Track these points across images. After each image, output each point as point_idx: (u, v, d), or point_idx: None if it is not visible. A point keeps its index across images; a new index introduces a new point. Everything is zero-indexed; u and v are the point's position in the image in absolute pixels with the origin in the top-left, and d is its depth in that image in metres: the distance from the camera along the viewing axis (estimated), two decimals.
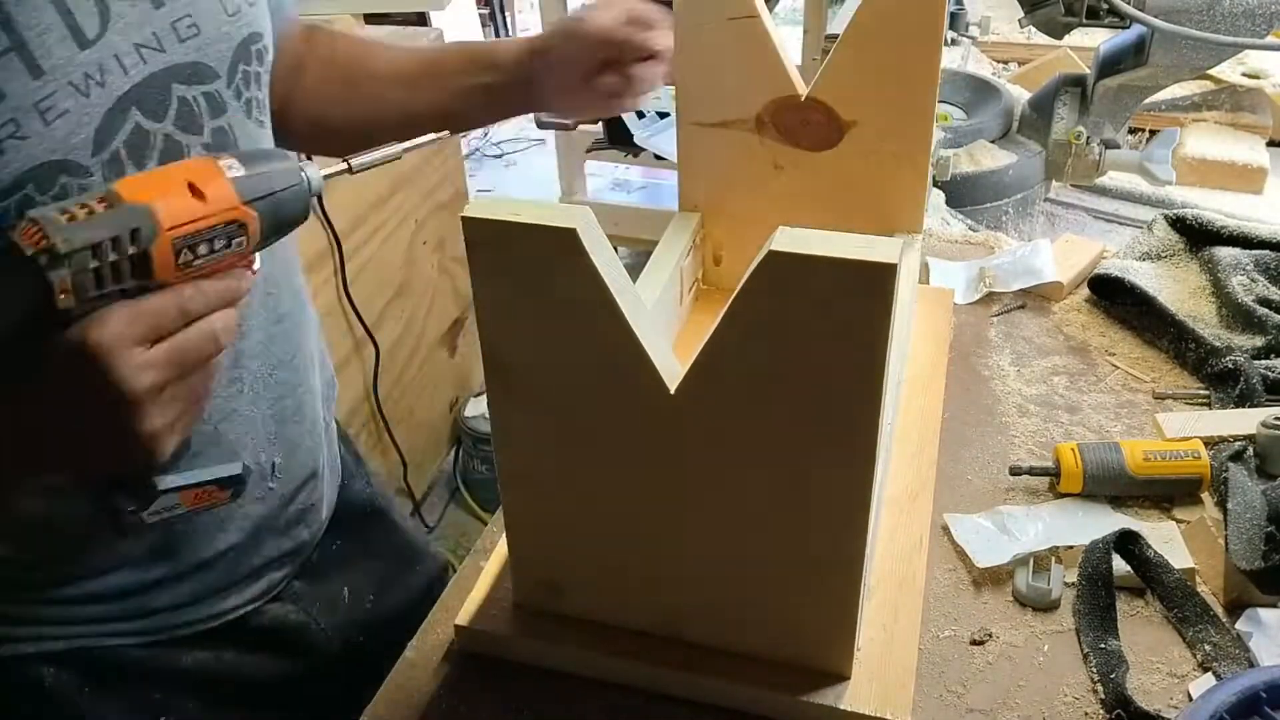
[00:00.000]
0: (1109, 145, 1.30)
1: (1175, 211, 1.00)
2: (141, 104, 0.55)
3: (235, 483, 0.57)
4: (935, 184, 1.14)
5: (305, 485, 0.73)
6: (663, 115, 1.52)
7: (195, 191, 0.47)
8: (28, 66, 0.49)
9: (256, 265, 0.52)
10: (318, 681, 0.76)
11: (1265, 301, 0.87)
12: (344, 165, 0.56)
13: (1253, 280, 0.90)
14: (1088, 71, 1.33)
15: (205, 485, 0.55)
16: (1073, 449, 0.74)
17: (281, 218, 0.51)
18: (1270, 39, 1.17)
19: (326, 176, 0.54)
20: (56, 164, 0.51)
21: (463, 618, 0.64)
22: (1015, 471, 0.75)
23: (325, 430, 0.77)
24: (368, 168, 0.57)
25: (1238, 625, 0.64)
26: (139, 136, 0.55)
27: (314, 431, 0.73)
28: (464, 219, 0.49)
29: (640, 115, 1.54)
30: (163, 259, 0.46)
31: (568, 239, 0.47)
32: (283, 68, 0.71)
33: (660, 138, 1.53)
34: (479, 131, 3.02)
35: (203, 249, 0.47)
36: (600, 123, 1.61)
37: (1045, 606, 0.66)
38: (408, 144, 0.59)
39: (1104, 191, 1.43)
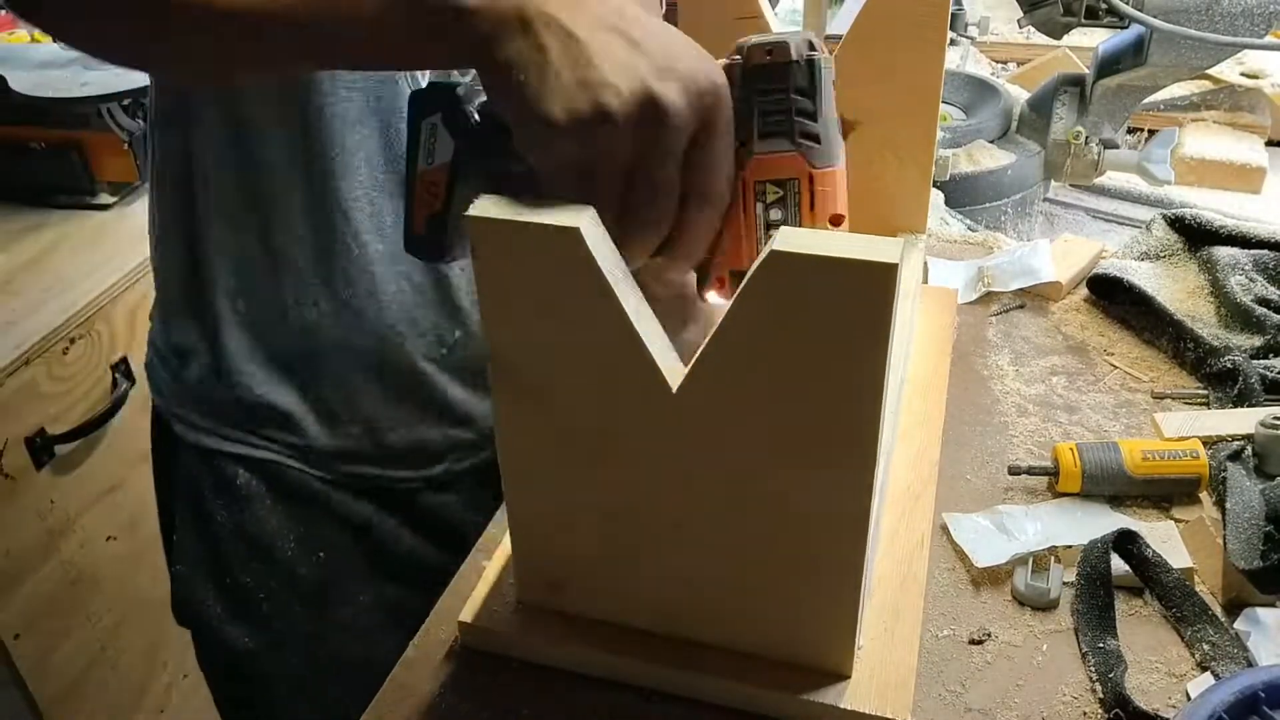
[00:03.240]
0: (1108, 145, 1.30)
1: (1174, 211, 1.00)
2: None
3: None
4: (934, 184, 1.14)
5: (480, 370, 0.78)
6: None
7: None
8: None
9: None
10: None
11: (1264, 301, 0.87)
12: None
13: (1251, 280, 0.90)
14: (1086, 71, 1.33)
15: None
16: (1071, 449, 0.74)
17: None
18: (1269, 39, 1.17)
19: None
20: None
21: (466, 615, 0.64)
22: (1014, 471, 0.76)
23: None
24: None
25: (1236, 625, 0.64)
26: None
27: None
28: (469, 218, 0.49)
29: None
30: None
31: (571, 238, 0.47)
32: None
33: None
34: None
35: None
36: None
37: (1044, 606, 0.66)
38: None
39: (1103, 191, 1.43)
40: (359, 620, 0.82)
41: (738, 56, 0.54)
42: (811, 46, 0.53)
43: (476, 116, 0.53)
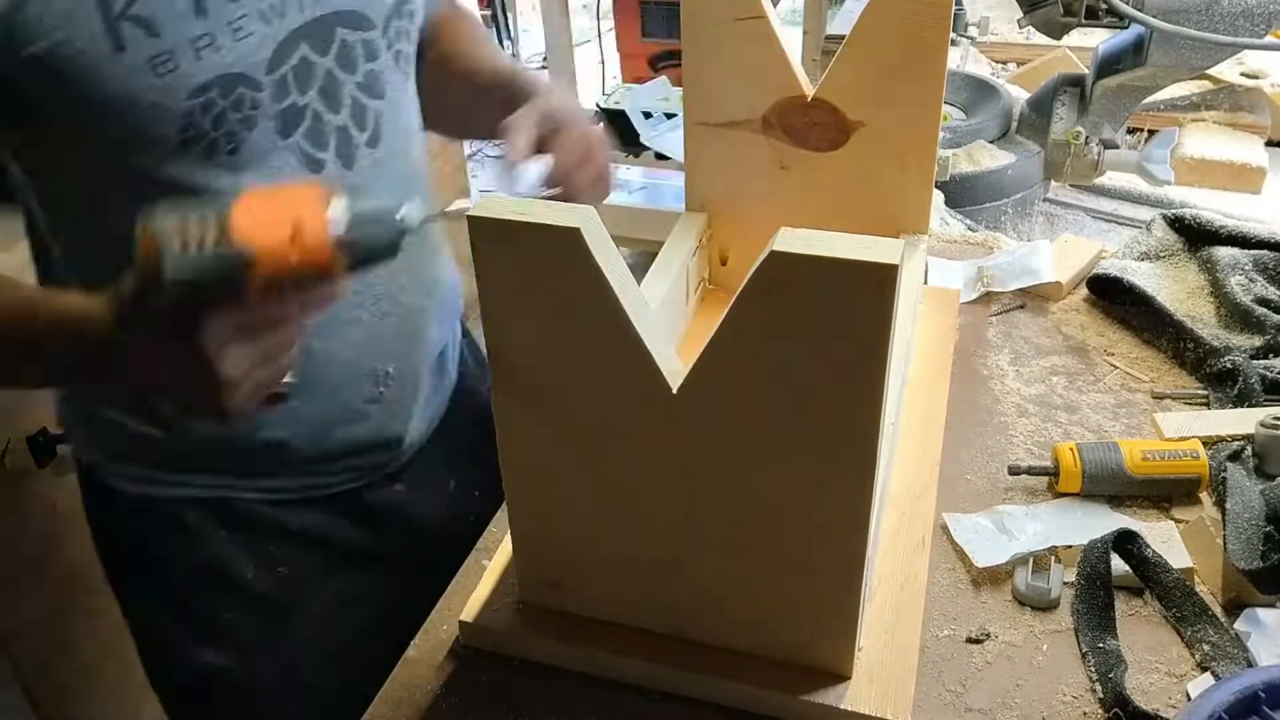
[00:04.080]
0: (1108, 145, 1.30)
1: (1174, 211, 1.00)
2: (310, 39, 0.65)
3: (279, 397, 0.63)
4: (934, 184, 1.14)
5: (418, 390, 0.82)
6: (669, 116, 1.53)
7: (295, 235, 0.52)
8: None
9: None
10: (411, 558, 0.85)
11: (1263, 301, 0.87)
12: (440, 212, 0.60)
13: (1251, 280, 0.90)
14: (1086, 72, 1.33)
15: None
16: (1071, 449, 0.74)
17: (370, 257, 0.55)
18: (1269, 39, 1.17)
19: (423, 221, 0.56)
20: (237, 76, 0.62)
21: (467, 614, 0.64)
22: (1014, 471, 0.76)
23: (450, 342, 0.88)
24: (460, 215, 0.60)
25: (1236, 625, 0.64)
26: (305, 66, 0.65)
27: (423, 348, 0.83)
28: (470, 218, 0.49)
29: (647, 115, 1.54)
30: (252, 292, 0.53)
31: (571, 238, 0.48)
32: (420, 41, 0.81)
33: (667, 138, 1.53)
34: None
35: (290, 287, 0.54)
36: (603, 123, 1.61)
37: (1044, 606, 0.66)
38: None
39: (1103, 191, 1.43)
40: (324, 616, 0.85)
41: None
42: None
43: None
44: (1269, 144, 1.45)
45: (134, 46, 0.58)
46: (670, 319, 0.83)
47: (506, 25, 3.23)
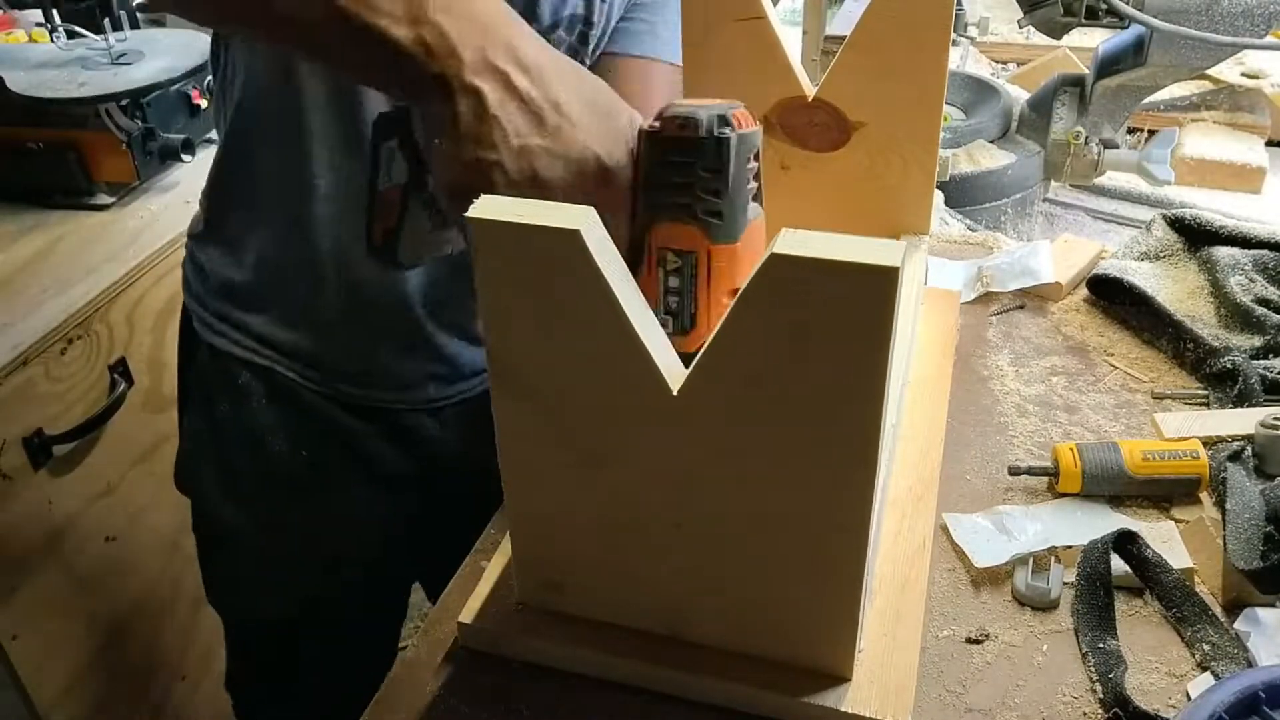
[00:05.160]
0: (1108, 145, 1.30)
1: (1174, 211, 1.00)
2: None
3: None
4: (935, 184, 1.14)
5: (471, 322, 0.86)
6: None
7: None
8: None
9: None
10: (434, 490, 0.92)
11: (1264, 301, 0.87)
12: None
13: (1251, 280, 0.90)
14: (1086, 72, 1.33)
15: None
16: (1071, 449, 0.74)
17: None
18: (1269, 39, 1.17)
19: None
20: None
21: (466, 615, 0.64)
22: (1014, 471, 0.76)
23: None
24: None
25: (1236, 625, 0.64)
26: None
27: None
28: (469, 219, 0.49)
29: None
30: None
31: (571, 240, 0.47)
32: None
33: None
34: None
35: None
36: None
37: (1044, 606, 0.66)
38: None
39: (1103, 191, 1.43)
40: (339, 515, 0.90)
41: (657, 123, 0.55)
42: (725, 122, 0.54)
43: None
44: (1269, 144, 1.45)
45: None
46: None
47: None
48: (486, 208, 0.49)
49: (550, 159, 0.53)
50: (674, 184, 0.55)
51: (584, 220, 0.47)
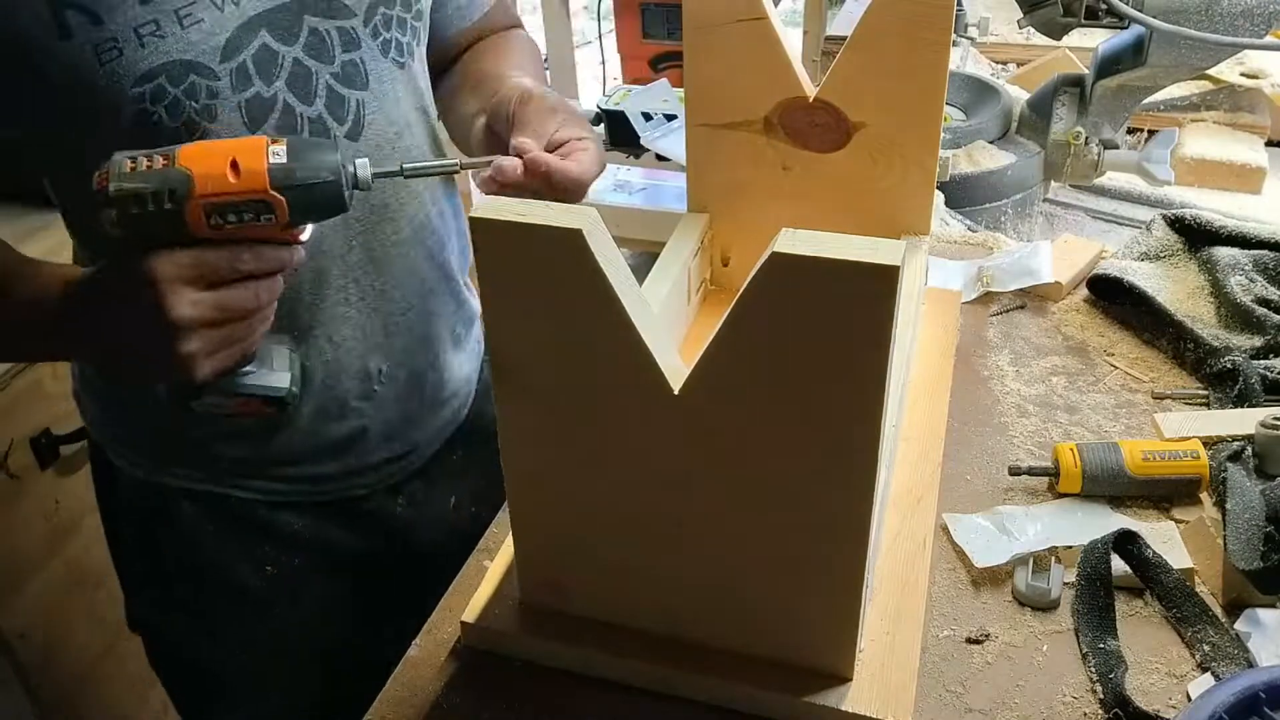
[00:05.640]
0: (1108, 145, 1.30)
1: (1174, 212, 1.00)
2: (271, 27, 0.64)
3: (278, 402, 0.67)
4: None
5: (415, 396, 0.82)
6: (670, 117, 1.52)
7: (234, 168, 0.57)
8: None
9: (304, 237, 0.61)
10: (403, 570, 0.86)
11: (1264, 301, 0.88)
12: (397, 169, 0.63)
13: (1251, 280, 0.90)
14: (1086, 72, 1.33)
15: (249, 397, 0.66)
16: (1071, 449, 0.74)
17: (312, 205, 0.58)
18: (1269, 39, 1.17)
19: (376, 175, 0.61)
20: (187, 64, 0.62)
21: (469, 615, 0.64)
22: (1014, 471, 0.76)
23: (453, 349, 0.85)
24: (421, 174, 0.64)
25: (1236, 625, 0.64)
26: (267, 54, 0.65)
27: (429, 350, 0.82)
28: (471, 219, 0.49)
29: (648, 117, 1.54)
30: (194, 217, 0.56)
31: (573, 240, 0.48)
32: (442, 56, 0.82)
33: (668, 139, 1.52)
34: None
35: (231, 217, 0.57)
36: (603, 124, 1.61)
37: (1044, 606, 0.66)
38: (469, 161, 0.66)
39: (1103, 192, 1.43)
40: (311, 617, 0.85)
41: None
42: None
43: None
44: (1269, 144, 1.45)
45: (79, 33, 0.59)
46: (672, 320, 0.83)
47: None
48: (488, 208, 0.49)
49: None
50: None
51: (586, 220, 0.48)
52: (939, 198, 1.21)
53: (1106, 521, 0.71)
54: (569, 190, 0.65)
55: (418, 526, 0.87)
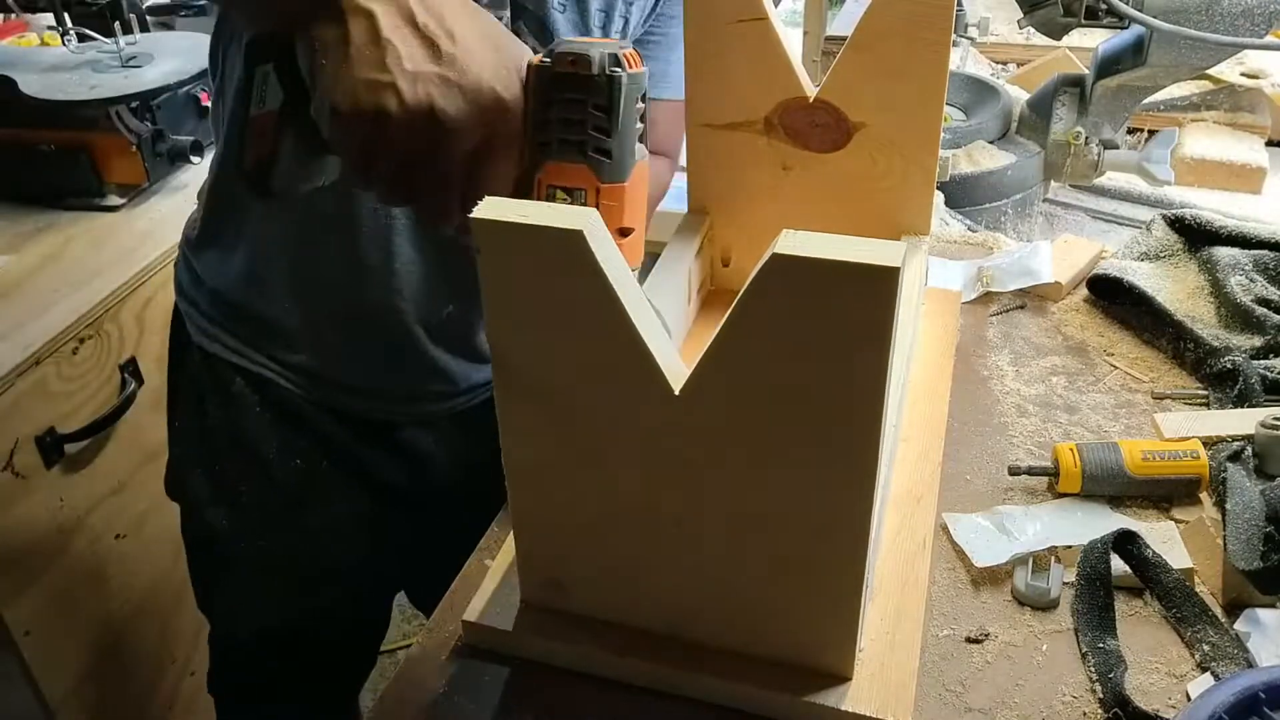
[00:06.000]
0: (1108, 145, 1.30)
1: (1174, 211, 1.00)
2: None
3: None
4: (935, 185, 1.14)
5: (471, 338, 0.87)
6: None
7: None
8: None
9: None
10: (426, 502, 0.92)
11: (1264, 301, 0.88)
12: None
13: (1251, 280, 0.90)
14: (1086, 72, 1.33)
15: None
16: (1071, 449, 0.74)
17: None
18: (1270, 39, 1.17)
19: None
20: None
21: (470, 613, 0.65)
22: (1014, 471, 0.76)
23: None
24: None
25: (1236, 625, 0.64)
26: None
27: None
28: (472, 220, 0.49)
29: None
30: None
31: (574, 240, 0.48)
32: None
33: None
34: None
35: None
36: None
37: (1044, 606, 0.67)
38: None
39: (1103, 192, 1.43)
40: (328, 526, 0.89)
41: (548, 59, 0.55)
42: (616, 61, 0.54)
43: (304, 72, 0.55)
44: (1269, 144, 1.45)
45: None
46: (672, 320, 0.83)
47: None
48: (490, 209, 0.49)
49: (447, 88, 0.51)
50: (564, 121, 0.54)
51: (586, 220, 0.48)
52: (939, 198, 1.22)
53: (1106, 521, 0.72)
54: None
55: (445, 467, 0.91)
